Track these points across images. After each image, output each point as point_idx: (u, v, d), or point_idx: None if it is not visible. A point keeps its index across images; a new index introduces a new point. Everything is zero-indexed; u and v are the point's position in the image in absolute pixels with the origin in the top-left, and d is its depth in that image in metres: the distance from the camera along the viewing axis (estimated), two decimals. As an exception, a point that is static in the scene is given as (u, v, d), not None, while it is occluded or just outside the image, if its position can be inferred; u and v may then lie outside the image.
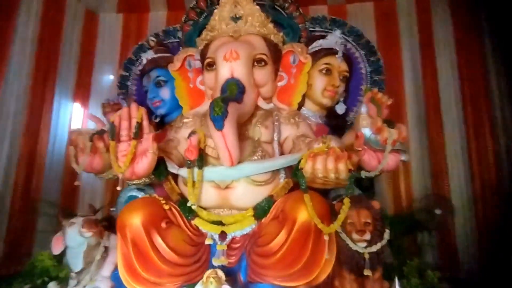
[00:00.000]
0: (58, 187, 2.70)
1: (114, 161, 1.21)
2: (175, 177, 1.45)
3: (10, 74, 2.39)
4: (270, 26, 1.59)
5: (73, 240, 1.39)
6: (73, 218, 1.43)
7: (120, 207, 1.56)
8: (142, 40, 2.14)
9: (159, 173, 1.39)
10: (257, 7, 1.57)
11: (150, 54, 1.88)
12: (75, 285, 1.36)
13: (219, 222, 1.31)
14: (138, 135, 1.21)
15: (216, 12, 1.59)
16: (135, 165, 1.23)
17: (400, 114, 2.79)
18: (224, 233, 1.30)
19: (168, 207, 1.31)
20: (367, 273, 1.18)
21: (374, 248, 1.20)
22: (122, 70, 2.13)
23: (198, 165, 1.29)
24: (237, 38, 1.54)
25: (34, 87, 2.56)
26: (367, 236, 1.20)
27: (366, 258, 1.19)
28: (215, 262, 1.23)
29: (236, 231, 1.31)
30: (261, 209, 1.30)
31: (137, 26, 3.18)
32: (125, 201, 1.58)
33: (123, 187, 1.42)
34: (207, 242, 1.29)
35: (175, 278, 1.22)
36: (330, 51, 1.68)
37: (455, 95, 2.69)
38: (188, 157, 1.24)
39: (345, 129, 1.69)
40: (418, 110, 2.82)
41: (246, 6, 1.55)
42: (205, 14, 1.85)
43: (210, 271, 1.12)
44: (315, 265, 1.15)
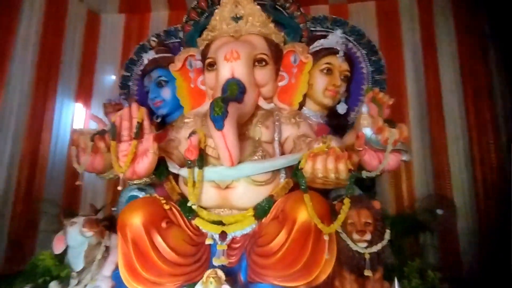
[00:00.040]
0: (60, 187, 2.72)
1: (115, 161, 1.22)
2: (176, 177, 1.46)
3: (12, 74, 2.41)
4: (271, 26, 1.59)
5: (74, 239, 1.40)
6: (74, 218, 1.44)
7: (121, 207, 1.56)
8: (144, 40, 2.15)
9: (160, 173, 1.39)
10: (258, 7, 1.56)
11: (151, 55, 1.88)
12: (76, 284, 1.36)
13: (220, 222, 1.32)
14: (138, 135, 1.22)
15: (217, 12, 1.59)
16: (136, 165, 1.24)
17: (402, 114, 2.77)
18: (224, 233, 1.30)
19: (168, 207, 1.31)
20: (368, 273, 1.17)
21: (375, 248, 1.20)
22: (123, 71, 2.14)
23: (199, 165, 1.29)
24: (238, 38, 1.54)
25: (36, 88, 2.58)
26: (368, 236, 1.20)
27: (367, 258, 1.18)
28: (215, 262, 1.23)
29: (236, 231, 1.31)
30: (261, 209, 1.30)
31: (138, 26, 3.19)
32: (126, 201, 1.59)
33: (124, 187, 1.43)
34: (208, 242, 1.29)
35: (175, 277, 1.22)
36: (331, 51, 1.67)
37: (457, 95, 2.67)
38: (188, 157, 1.24)
39: (346, 129, 1.68)
40: (420, 110, 2.80)
41: (247, 6, 1.55)
42: (206, 14, 1.85)
43: (210, 271, 1.12)
44: (315, 265, 1.15)
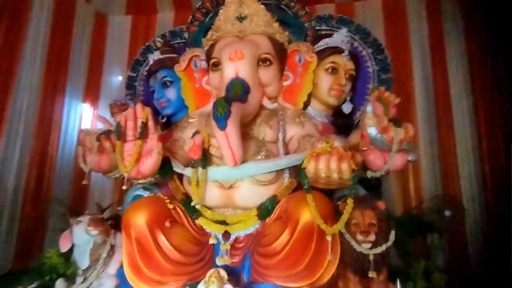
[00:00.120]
0: (68, 187, 2.77)
1: (120, 160, 1.22)
2: (181, 176, 1.46)
3: (21, 75, 2.45)
4: (276, 26, 1.58)
5: (79, 238, 1.42)
6: (80, 217, 1.46)
7: (126, 206, 1.57)
8: (149, 41, 2.16)
9: (165, 172, 1.40)
10: (262, 7, 1.56)
11: (156, 55, 1.89)
12: (82, 282, 1.38)
13: (223, 222, 1.32)
14: (143, 135, 1.23)
15: (221, 12, 1.59)
16: (141, 164, 1.25)
17: (409, 113, 2.74)
18: (227, 232, 1.30)
19: (172, 207, 1.32)
20: (372, 274, 1.16)
21: (379, 249, 1.18)
22: (129, 71, 2.16)
23: (202, 164, 1.29)
24: (242, 38, 1.53)
25: (45, 88, 2.62)
26: (372, 237, 1.18)
27: (371, 259, 1.17)
28: (219, 261, 1.24)
29: (239, 231, 1.31)
30: (264, 209, 1.30)
31: (145, 27, 3.23)
32: (131, 200, 1.59)
33: (129, 187, 1.44)
34: (211, 241, 1.29)
35: (179, 277, 1.23)
36: (336, 50, 1.65)
37: (466, 94, 2.63)
38: (191, 156, 1.24)
39: (352, 128, 1.67)
40: (428, 109, 2.76)
41: (251, 5, 1.55)
42: (211, 15, 1.85)
43: (212, 271, 1.12)
44: (318, 265, 1.15)
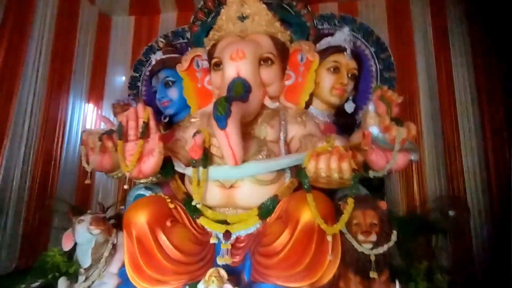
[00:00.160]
0: (73, 186, 2.80)
1: (121, 160, 1.23)
2: (182, 176, 1.47)
3: (26, 76, 2.48)
4: (277, 25, 1.58)
5: (81, 237, 1.43)
6: (82, 216, 1.46)
7: (128, 206, 1.58)
8: (152, 41, 2.17)
9: (166, 172, 1.40)
10: (264, 6, 1.55)
11: (159, 55, 1.90)
12: (84, 280, 1.39)
13: (224, 221, 1.32)
14: (145, 135, 1.23)
15: (223, 11, 1.59)
16: (142, 164, 1.25)
17: (413, 113, 2.71)
18: (228, 232, 1.30)
19: (173, 206, 1.32)
20: (373, 275, 1.15)
21: (381, 249, 1.17)
22: (132, 71, 2.17)
23: (203, 164, 1.29)
24: (244, 38, 1.53)
25: (49, 89, 2.65)
26: (373, 237, 1.17)
27: (372, 259, 1.16)
28: (219, 261, 1.24)
29: (240, 230, 1.31)
30: (265, 208, 1.30)
31: (148, 27, 3.24)
32: (133, 199, 1.61)
33: (131, 186, 1.44)
34: (212, 241, 1.29)
35: (179, 276, 1.23)
36: (338, 49, 1.64)
37: (471, 92, 2.59)
38: (192, 156, 1.25)
39: (354, 128, 1.66)
40: (432, 108, 2.73)
41: (253, 5, 1.54)
42: (213, 14, 1.86)
43: (212, 270, 1.12)
44: (319, 266, 1.14)
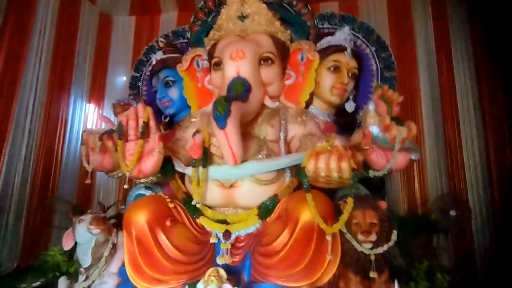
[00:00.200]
0: (74, 186, 2.81)
1: (121, 160, 1.23)
2: (183, 176, 1.47)
3: (27, 76, 2.49)
4: (277, 24, 1.57)
5: (82, 236, 1.43)
6: (82, 215, 1.47)
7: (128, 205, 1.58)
8: (153, 41, 2.17)
9: (166, 171, 1.41)
10: (264, 5, 1.55)
11: (159, 55, 1.89)
12: (84, 280, 1.40)
13: (224, 221, 1.32)
14: (144, 135, 1.23)
15: (223, 11, 1.59)
16: (142, 164, 1.25)
17: (414, 112, 2.70)
18: (228, 232, 1.30)
19: (173, 206, 1.32)
20: (373, 275, 1.15)
21: (380, 249, 1.17)
22: (133, 71, 2.17)
23: (203, 164, 1.29)
24: (244, 37, 1.53)
25: (50, 89, 2.67)
26: (373, 237, 1.17)
27: (372, 259, 1.16)
28: (219, 260, 1.24)
29: (240, 230, 1.31)
30: (265, 208, 1.30)
31: (149, 27, 3.26)
32: (133, 199, 1.61)
33: (131, 186, 1.45)
34: (212, 240, 1.29)
35: (179, 275, 1.23)
36: (339, 48, 1.63)
37: (472, 91, 2.58)
38: (191, 155, 1.24)
39: (355, 127, 1.65)
40: (433, 107, 2.72)
41: (253, 4, 1.54)
42: (213, 14, 1.85)
43: (211, 270, 1.12)
44: (318, 265, 1.14)
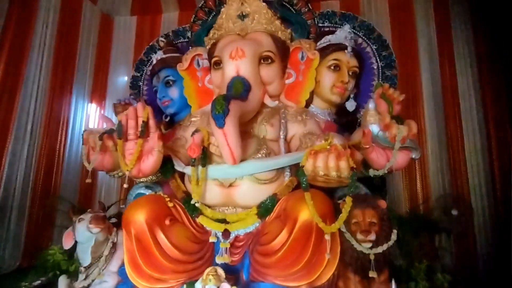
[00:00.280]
0: (76, 185, 2.83)
1: (121, 159, 1.24)
2: (183, 175, 1.47)
3: (29, 76, 2.51)
4: (277, 23, 1.57)
5: (81, 235, 1.44)
6: (82, 215, 1.47)
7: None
8: (153, 41, 2.17)
9: (166, 171, 1.41)
10: (264, 4, 1.55)
11: (159, 55, 1.89)
12: (84, 279, 1.40)
13: (223, 220, 1.32)
14: (144, 134, 1.23)
15: (223, 10, 1.59)
16: (142, 163, 1.26)
17: (416, 110, 2.67)
18: (227, 231, 1.30)
19: (172, 205, 1.32)
20: (373, 274, 1.14)
21: (380, 249, 1.16)
22: (134, 71, 2.17)
23: (202, 163, 1.29)
24: (244, 36, 1.53)
25: (52, 89, 2.68)
26: (372, 236, 1.16)
27: (372, 259, 1.15)
28: (218, 260, 1.24)
29: (239, 229, 1.31)
30: (264, 207, 1.30)
31: (150, 27, 3.27)
32: (133, 198, 1.61)
33: (130, 185, 1.45)
34: (211, 239, 1.30)
35: (178, 274, 1.23)
36: (339, 47, 1.62)
37: (475, 89, 2.56)
38: (190, 155, 1.24)
39: (355, 126, 1.65)
40: (435, 105, 2.68)
41: (253, 3, 1.54)
42: (213, 13, 1.85)
43: (210, 269, 1.12)
44: (317, 265, 1.14)
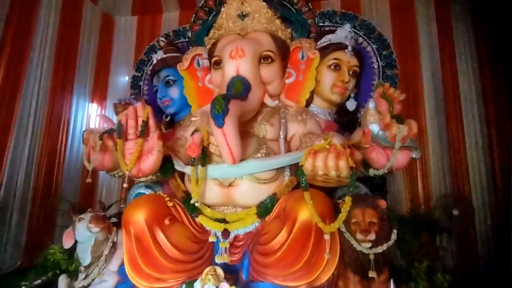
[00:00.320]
0: (76, 185, 2.84)
1: (121, 158, 1.24)
2: (183, 175, 1.47)
3: (30, 76, 2.51)
4: (278, 23, 1.56)
5: (81, 235, 1.44)
6: (82, 214, 1.48)
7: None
8: (154, 40, 2.18)
9: (166, 170, 1.41)
10: (264, 4, 1.54)
11: (160, 54, 1.90)
12: (84, 278, 1.41)
13: (223, 220, 1.32)
14: (144, 134, 1.24)
15: (223, 10, 1.59)
16: (141, 163, 1.26)
17: (418, 110, 2.66)
18: (227, 230, 1.30)
19: (171, 204, 1.32)
20: (372, 274, 1.13)
21: (380, 249, 1.16)
22: (134, 71, 2.18)
23: (201, 162, 1.29)
24: (244, 36, 1.52)
25: (53, 88, 2.69)
26: (372, 236, 1.16)
27: (371, 259, 1.15)
28: (218, 259, 1.24)
29: (239, 229, 1.31)
30: (264, 207, 1.29)
31: (151, 27, 3.27)
32: (133, 198, 1.61)
33: (130, 184, 1.45)
34: (211, 239, 1.29)
35: (178, 274, 1.23)
36: (339, 46, 1.62)
37: (476, 88, 2.55)
38: (190, 154, 1.24)
39: (356, 126, 1.64)
40: (437, 105, 2.67)
41: (253, 3, 1.54)
42: (214, 13, 1.85)
43: (209, 268, 1.12)
44: (316, 265, 1.13)
